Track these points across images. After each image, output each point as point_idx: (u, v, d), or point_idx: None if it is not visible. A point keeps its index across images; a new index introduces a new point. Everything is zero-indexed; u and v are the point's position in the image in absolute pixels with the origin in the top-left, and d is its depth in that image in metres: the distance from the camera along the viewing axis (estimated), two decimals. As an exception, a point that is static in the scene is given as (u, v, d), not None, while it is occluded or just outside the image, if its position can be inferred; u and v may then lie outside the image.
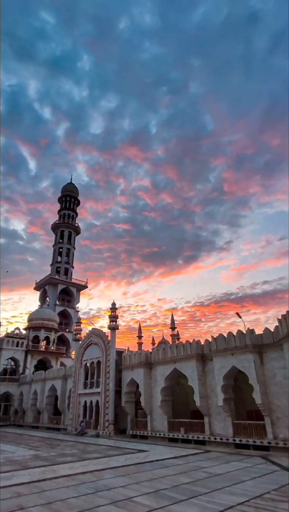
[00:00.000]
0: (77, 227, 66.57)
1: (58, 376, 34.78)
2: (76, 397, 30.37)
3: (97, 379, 28.81)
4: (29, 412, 38.49)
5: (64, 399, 32.77)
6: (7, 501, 8.84)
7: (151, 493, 9.21)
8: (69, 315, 57.67)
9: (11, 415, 41.98)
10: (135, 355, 26.34)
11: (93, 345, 30.44)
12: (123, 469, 12.82)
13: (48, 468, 13.39)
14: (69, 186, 70.22)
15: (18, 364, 44.51)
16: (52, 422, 33.98)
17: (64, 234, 64.09)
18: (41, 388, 36.70)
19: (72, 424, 29.66)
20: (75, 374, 31.44)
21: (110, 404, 26.53)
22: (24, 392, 40.55)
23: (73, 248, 64.55)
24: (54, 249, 63.84)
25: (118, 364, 27.71)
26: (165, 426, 22.28)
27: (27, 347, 45.82)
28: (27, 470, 13.14)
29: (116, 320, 30.18)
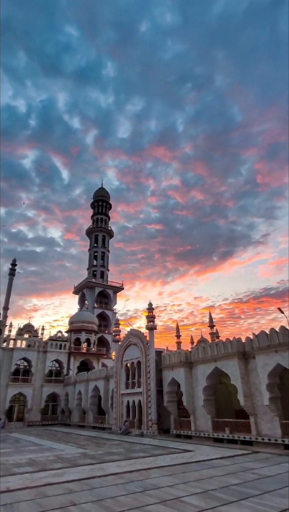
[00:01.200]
0: (110, 230, 67.80)
1: (100, 376, 35.63)
2: (118, 397, 30.91)
3: (138, 379, 29.11)
4: (75, 411, 39.80)
5: (107, 399, 33.48)
6: (60, 497, 9.23)
7: (199, 494, 9.13)
8: (107, 317, 58.88)
9: (59, 414, 43.69)
10: (174, 354, 26.26)
11: (132, 346, 30.80)
12: (169, 468, 12.83)
13: (97, 466, 13.76)
14: (100, 191, 71.76)
15: (62, 365, 46.22)
16: (97, 422, 34.86)
17: (98, 238, 65.58)
18: (85, 389, 37.81)
19: (117, 423, 30.22)
20: (116, 374, 32.01)
21: (152, 403, 26.67)
22: (69, 393, 42.02)
23: (108, 251, 65.82)
24: (89, 253, 65.56)
25: (158, 364, 27.79)
26: (209, 426, 21.95)
27: (69, 349, 47.45)
28: (76, 467, 13.60)
29: (154, 320, 30.30)
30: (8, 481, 11.36)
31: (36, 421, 41.47)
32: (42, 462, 15.21)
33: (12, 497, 9.31)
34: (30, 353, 44.05)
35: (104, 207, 69.67)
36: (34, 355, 44.24)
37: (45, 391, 43.30)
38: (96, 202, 69.84)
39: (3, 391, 40.46)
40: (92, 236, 66.28)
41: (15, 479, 11.59)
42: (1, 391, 40.32)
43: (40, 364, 44.47)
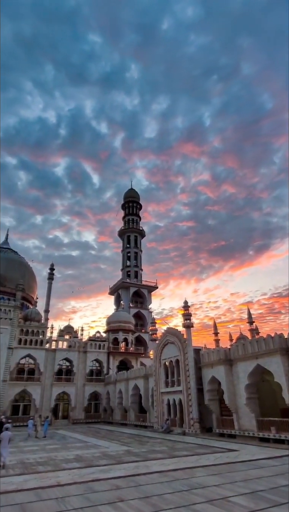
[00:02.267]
0: (142, 230, 68.22)
1: (139, 375, 36.00)
2: (158, 395, 31.02)
3: (178, 378, 29.01)
4: (117, 410, 40.56)
5: (148, 397, 33.74)
6: (108, 492, 9.45)
7: (247, 494, 8.91)
8: (143, 316, 59.34)
9: (101, 412, 44.79)
10: (213, 352, 25.84)
11: (170, 344, 30.76)
12: (214, 468, 12.65)
13: (141, 463, 13.92)
14: (130, 192, 72.45)
15: (102, 365, 47.33)
16: (139, 420, 35.25)
17: (131, 239, 66.27)
18: (125, 388, 38.40)
19: (158, 421, 30.35)
20: (155, 373, 32.16)
21: (193, 402, 26.46)
22: (110, 391, 42.92)
23: (140, 251, 66.30)
24: (122, 254, 66.48)
25: (197, 362, 27.51)
26: (253, 425, 21.33)
27: (108, 349, 48.46)
28: (121, 464, 13.86)
29: (190, 318, 30.03)
30: (58, 476, 11.86)
31: (80, 419, 42.84)
32: (89, 458, 15.68)
33: (62, 491, 9.70)
34: (71, 354, 45.61)
35: (134, 207, 70.26)
36: (75, 355, 45.75)
37: (87, 390, 44.59)
38: (126, 204, 70.62)
39: (48, 390, 42.27)
40: (125, 237, 67.12)
41: (64, 474, 12.07)
42: (46, 390, 42.16)
43: (81, 364, 45.88)
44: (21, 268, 57.28)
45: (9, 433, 14.84)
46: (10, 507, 8.25)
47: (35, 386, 41.32)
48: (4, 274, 52.40)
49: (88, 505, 8.26)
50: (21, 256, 62.13)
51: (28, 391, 40.78)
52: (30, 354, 42.87)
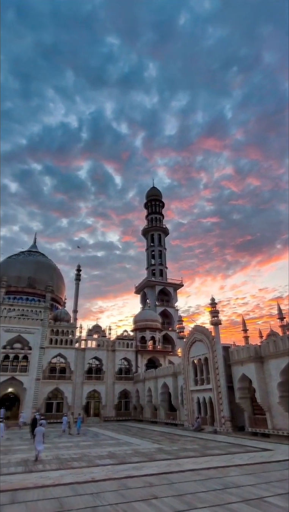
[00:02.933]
0: (165, 228, 68.01)
1: (168, 373, 35.99)
2: (188, 393, 30.87)
3: (207, 376, 28.72)
4: (146, 408, 40.81)
5: (177, 395, 33.66)
6: (142, 489, 9.55)
7: (284, 495, 8.68)
8: (169, 315, 59.21)
9: (131, 410, 45.25)
10: (243, 349, 25.33)
11: (198, 342, 30.50)
12: (248, 467, 12.43)
13: (173, 461, 13.94)
14: (152, 190, 72.42)
15: (131, 363, 47.78)
16: (169, 418, 35.27)
17: (154, 237, 66.27)
18: (154, 386, 38.54)
19: (188, 419, 30.21)
20: (184, 371, 32.02)
21: (223, 400, 26.10)
22: (140, 390, 43.24)
23: (164, 249, 66.15)
24: (147, 253, 66.63)
25: (226, 360, 27.09)
26: (287, 424, 20.70)
27: (136, 347, 48.82)
28: (154, 462, 13.94)
29: (218, 315, 29.61)
30: (92, 471, 12.13)
31: (111, 416, 43.52)
32: (121, 455, 15.91)
33: (97, 487, 9.91)
34: (100, 352, 46.42)
35: (157, 206, 70.15)
36: (104, 354, 46.51)
37: (117, 388, 45.20)
38: (149, 202, 70.67)
39: (79, 389, 43.30)
40: (148, 236, 67.22)
41: (98, 470, 12.33)
42: (77, 389, 43.20)
43: (110, 362, 46.56)
44: (50, 270, 58.96)
45: (42, 429, 15.64)
46: (48, 501, 8.55)
47: (66, 385, 42.46)
48: (34, 277, 54.20)
49: (122, 501, 8.39)
50: (49, 259, 63.94)
51: (60, 389, 41.99)
52: (61, 354, 44.08)
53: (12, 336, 41.43)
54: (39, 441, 15.08)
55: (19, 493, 9.42)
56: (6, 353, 40.29)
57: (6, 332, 41.32)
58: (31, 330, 42.62)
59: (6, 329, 41.46)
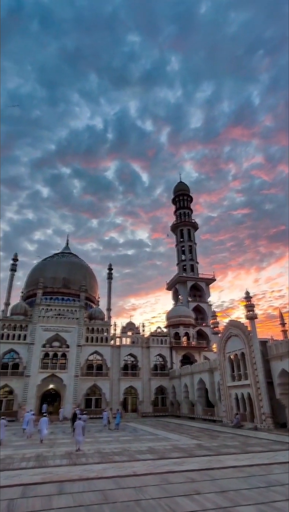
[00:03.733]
0: (194, 223, 67.16)
1: (204, 369, 35.66)
2: (225, 389, 30.41)
3: (244, 371, 28.10)
4: (183, 403, 40.75)
5: (214, 391, 33.28)
6: (183, 484, 9.59)
7: None
8: (203, 310, 58.53)
9: (168, 406, 45.41)
10: (282, 344, 24.48)
11: (233, 337, 29.90)
12: (293, 465, 12.03)
13: (214, 457, 13.83)
14: (179, 185, 71.73)
15: (165, 359, 47.89)
16: (207, 414, 34.97)
17: (184, 232, 65.68)
18: (190, 382, 38.37)
19: (227, 416, 29.78)
20: (220, 367, 31.56)
21: (263, 396, 25.41)
22: (176, 386, 43.26)
23: (195, 244, 65.37)
24: (177, 249, 66.23)
25: (264, 355, 26.33)
26: None
27: (170, 343, 48.84)
28: (194, 458, 13.93)
29: (253, 309, 28.84)
30: (133, 466, 12.36)
31: (149, 412, 43.96)
32: (161, 450, 16.05)
33: (139, 481, 10.09)
34: (135, 349, 47.00)
35: (185, 201, 69.43)
36: (138, 351, 47.03)
37: (153, 384, 45.55)
38: (177, 198, 70.11)
39: (116, 385, 44.18)
40: (177, 231, 66.76)
41: (139, 465, 12.54)
42: (114, 385, 44.10)
43: (145, 359, 47.00)
44: (83, 270, 60.49)
45: (82, 423, 17.06)
46: (92, 493, 8.85)
47: (104, 381, 43.48)
48: (68, 277, 55.89)
49: (165, 495, 8.48)
50: (82, 259, 65.59)
51: (98, 385, 43.08)
52: (97, 351, 45.17)
53: (50, 335, 43.10)
54: (79, 434, 16.40)
55: (66, 484, 9.83)
56: (45, 351, 42.02)
57: (45, 331, 43.05)
58: (68, 328, 44.07)
59: (44, 328, 43.20)
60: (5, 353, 41.75)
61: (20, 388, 39.86)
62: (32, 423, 23.20)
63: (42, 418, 20.93)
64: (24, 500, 8.32)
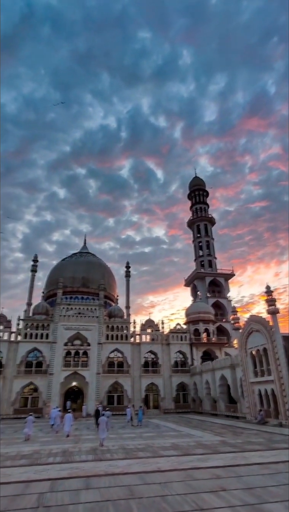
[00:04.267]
0: (211, 218, 66.39)
1: (225, 365, 35.33)
2: (248, 385, 30.01)
3: (267, 367, 27.61)
4: (205, 400, 40.55)
5: (236, 387, 32.92)
6: (209, 481, 9.56)
7: None
8: (222, 306, 57.91)
9: (190, 403, 45.33)
10: (305, 339, 23.87)
11: (255, 333, 29.43)
12: None
13: (239, 454, 13.71)
14: (195, 180, 71.03)
15: (186, 356, 47.77)
16: (229, 410, 34.67)
17: (201, 228, 65.07)
18: (212, 378, 38.11)
19: (250, 412, 29.40)
20: (242, 363, 31.16)
21: (287, 392, 24.90)
22: (197, 382, 43.10)
23: (212, 240, 64.66)
24: (194, 244, 65.72)
25: (287, 350, 25.77)
26: None
27: (190, 340, 48.66)
28: (218, 454, 13.85)
29: (275, 303, 28.23)
30: (158, 462, 12.44)
31: (170, 408, 44.05)
32: (184, 447, 16.06)
33: (164, 476, 10.15)
34: (155, 346, 47.15)
35: (201, 195, 68.72)
36: (158, 347, 47.15)
37: (174, 381, 45.58)
38: (192, 193, 69.50)
39: (137, 382, 44.51)
40: (194, 227, 66.21)
41: (163, 461, 12.61)
42: (136, 382, 44.45)
43: (165, 356, 47.07)
44: (101, 269, 61.13)
45: (105, 418, 17.67)
46: (119, 488, 8.98)
47: (125, 378, 43.90)
48: (87, 276, 56.65)
49: (191, 491, 8.49)
50: (99, 258, 66.26)
51: (120, 382, 43.55)
52: (118, 348, 45.63)
53: (71, 333, 43.90)
54: (102, 429, 16.96)
55: (92, 479, 10.02)
56: (67, 349, 42.87)
57: (66, 330, 43.88)
58: (88, 327, 44.73)
59: (66, 327, 44.03)
60: (29, 352, 42.91)
61: (44, 386, 40.88)
62: (58, 419, 24.25)
63: (66, 415, 21.78)
64: (53, 494, 8.56)
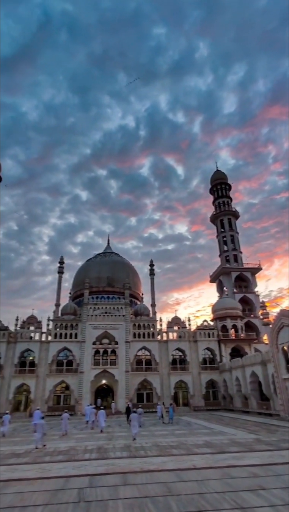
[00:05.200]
0: (235, 211, 65.03)
1: (256, 362, 34.58)
2: (280, 382, 29.21)
3: (300, 363, 26.75)
4: (236, 397, 39.91)
5: (268, 384, 32.14)
6: (247, 479, 9.43)
7: None
8: (250, 301, 56.62)
9: (220, 400, 44.77)
10: None
11: (286, 327, 28.57)
12: None
13: (275, 452, 13.41)
14: (216, 174, 69.79)
15: (214, 353, 47.20)
16: (262, 408, 33.92)
17: (224, 222, 63.90)
18: (242, 375, 37.43)
19: (284, 409, 28.61)
20: (273, 359, 30.37)
21: None
22: (227, 379, 42.49)
23: (236, 234, 63.36)
24: (218, 240, 64.68)
25: None
26: None
27: (218, 337, 48.02)
28: (254, 452, 13.62)
29: (306, 298, 27.28)
30: (192, 459, 12.42)
31: (201, 406, 43.75)
32: (218, 444, 15.92)
33: (200, 474, 10.12)
34: (182, 344, 46.96)
35: (223, 189, 67.42)
36: (186, 345, 46.92)
37: (203, 378, 45.19)
38: (214, 187, 68.35)
39: (166, 379, 44.55)
40: (218, 222, 65.13)
41: (198, 458, 12.57)
42: (164, 379, 44.51)
43: (193, 353, 46.76)
44: (125, 268, 61.63)
45: (136, 415, 18.99)
46: (156, 485, 9.05)
47: (154, 376, 44.08)
48: (112, 276, 57.33)
49: (229, 490, 8.42)
50: (123, 258, 66.81)
51: (149, 380, 43.79)
52: (145, 346, 45.88)
53: (99, 332, 44.62)
54: (134, 425, 18.20)
55: (128, 476, 10.17)
56: (96, 348, 43.64)
57: (94, 329, 44.66)
58: (115, 326, 45.28)
59: (93, 326, 44.82)
60: (59, 351, 44.10)
61: (75, 384, 41.88)
62: (92, 415, 25.46)
63: (100, 411, 23.25)
64: (92, 490, 8.78)
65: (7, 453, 15.20)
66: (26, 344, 43.91)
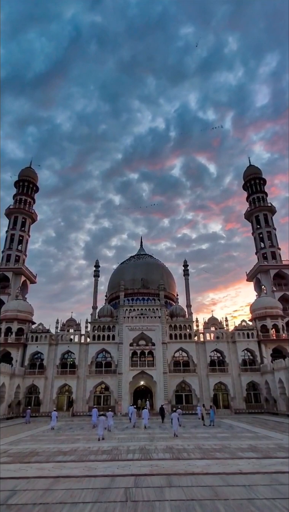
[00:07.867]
0: (271, 207, 62.62)
1: (300, 363, 32.94)
2: None
3: None
4: (280, 400, 38.22)
5: (315, 387, 30.46)
6: (298, 486, 8.98)
7: None
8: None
9: (263, 403, 43.15)
10: None
11: None
12: None
13: None
14: (250, 169, 67.71)
15: (254, 354, 45.64)
16: (309, 412, 32.21)
17: (260, 218, 61.79)
18: (286, 377, 35.78)
19: None
20: None
21: None
22: (269, 381, 40.87)
23: (274, 230, 60.94)
24: (254, 237, 62.65)
25: None
26: None
27: (258, 337, 46.41)
28: (303, 458, 12.96)
29: None
30: (237, 464, 12.10)
31: (242, 409, 42.48)
32: (264, 449, 15.36)
33: (247, 479, 9.81)
34: (220, 345, 45.97)
35: (258, 184, 65.19)
36: (224, 346, 45.86)
37: (243, 380, 43.86)
38: (248, 183, 66.33)
39: (205, 381, 43.85)
40: (253, 218, 63.12)
41: (243, 463, 12.21)
42: (203, 381, 43.84)
43: (232, 354, 45.59)
44: (159, 269, 61.68)
45: (176, 414, 21.22)
46: (202, 488, 8.92)
47: (192, 377, 43.58)
48: (146, 278, 57.62)
49: (279, 496, 8.09)
50: (157, 259, 66.90)
51: (187, 381, 43.38)
52: (182, 348, 45.53)
53: (136, 334, 45.01)
54: (175, 423, 20.59)
55: (173, 478, 10.13)
56: (133, 349, 44.06)
57: (131, 331, 45.13)
58: (151, 327, 45.41)
59: (130, 328, 45.31)
60: (98, 352, 45.12)
61: (114, 385, 42.57)
62: (135, 414, 27.53)
63: (143, 410, 25.76)
64: (138, 490, 8.85)
65: (54, 450, 15.82)
66: (67, 346, 45.43)
